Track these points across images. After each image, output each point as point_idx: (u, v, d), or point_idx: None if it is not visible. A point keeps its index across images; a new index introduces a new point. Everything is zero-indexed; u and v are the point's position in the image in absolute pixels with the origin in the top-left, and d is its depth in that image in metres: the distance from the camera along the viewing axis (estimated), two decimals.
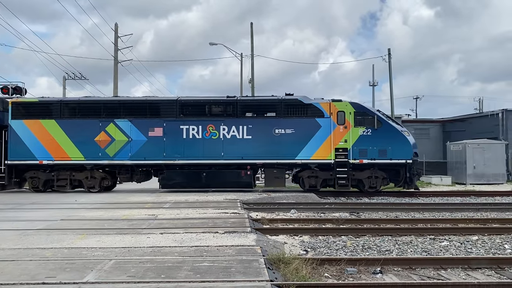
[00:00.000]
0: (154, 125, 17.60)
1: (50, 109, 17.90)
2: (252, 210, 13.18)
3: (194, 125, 17.56)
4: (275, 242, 8.35)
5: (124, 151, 17.60)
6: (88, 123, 17.67)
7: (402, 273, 6.60)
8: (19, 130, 17.64)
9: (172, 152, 17.52)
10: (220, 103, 17.91)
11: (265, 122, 17.64)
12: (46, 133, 17.61)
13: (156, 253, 6.64)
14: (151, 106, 18.01)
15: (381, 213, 13.19)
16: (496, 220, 11.26)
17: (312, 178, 17.91)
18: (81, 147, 17.58)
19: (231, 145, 17.47)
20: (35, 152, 17.57)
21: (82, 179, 17.97)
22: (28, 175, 18.06)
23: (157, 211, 11.75)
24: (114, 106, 17.96)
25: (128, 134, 17.61)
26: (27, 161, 17.68)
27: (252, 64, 30.04)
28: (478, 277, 6.38)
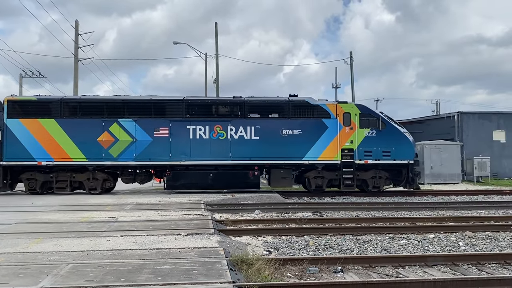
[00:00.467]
0: (160, 125, 17.30)
1: (50, 108, 17.22)
2: (216, 211, 13.11)
3: (201, 125, 17.42)
4: (238, 243, 8.34)
5: (129, 151, 17.20)
6: (90, 123, 17.14)
7: (362, 271, 6.73)
8: (16, 130, 16.90)
9: (179, 153, 17.30)
10: (227, 103, 17.89)
11: (273, 123, 17.69)
12: (45, 133, 16.95)
13: (116, 256, 6.48)
14: (156, 105, 17.65)
15: (343, 212, 13.44)
16: (452, 219, 11.71)
17: (319, 179, 18.13)
18: (83, 147, 17.03)
19: (238, 145, 17.45)
20: (33, 153, 16.88)
21: (83, 181, 17.41)
22: (25, 176, 17.26)
23: (118, 213, 11.49)
24: (117, 106, 17.49)
25: (133, 134, 17.23)
26: (25, 161, 16.91)
27: (217, 64, 29.93)
28: (434, 273, 6.60)
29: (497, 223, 11.08)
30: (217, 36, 30.01)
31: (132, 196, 16.64)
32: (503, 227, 10.31)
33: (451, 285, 5.64)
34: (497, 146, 30.28)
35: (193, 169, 17.61)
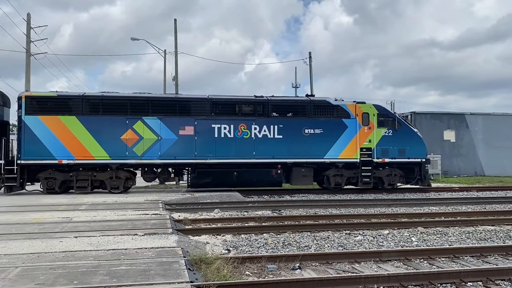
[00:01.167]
0: (185, 123, 17.29)
1: (70, 105, 16.77)
2: (175, 210, 12.95)
3: (226, 124, 17.58)
4: (197, 242, 8.27)
5: (153, 150, 17.04)
6: (114, 120, 16.84)
7: (319, 268, 6.84)
8: (35, 127, 16.29)
9: (204, 151, 17.37)
10: (251, 102, 18.05)
11: (295, 122, 18.04)
12: (66, 131, 16.48)
13: (69, 258, 6.27)
14: (181, 104, 17.67)
15: (301, 210, 13.61)
16: (405, 215, 12.12)
17: (338, 177, 18.65)
18: (106, 145, 16.70)
19: (262, 144, 17.74)
20: (53, 151, 16.38)
21: (105, 180, 17.11)
22: (43, 175, 16.69)
23: (72, 213, 11.11)
24: (142, 103, 17.24)
25: (158, 132, 17.08)
26: (44, 160, 16.37)
27: (176, 61, 29.52)
28: (388, 268, 6.80)
29: (447, 218, 11.58)
30: (176, 33, 29.61)
31: (87, 196, 16.15)
32: (453, 223, 10.79)
33: (404, 279, 5.83)
34: (447, 145, 31.67)
35: (216, 167, 17.71)
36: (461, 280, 5.94)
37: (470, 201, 15.65)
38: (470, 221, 10.91)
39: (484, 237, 9.32)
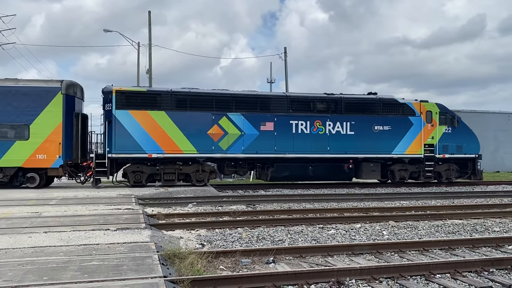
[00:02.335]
0: (266, 119, 18.08)
1: (159, 100, 17.27)
2: (148, 205, 12.80)
3: (303, 120, 18.42)
4: (171, 237, 8.20)
5: (237, 144, 17.77)
6: (200, 116, 17.47)
7: (293, 261, 6.90)
8: (125, 121, 16.68)
9: (283, 146, 18.14)
10: (326, 100, 19.02)
11: (366, 119, 19.08)
12: (155, 125, 16.95)
13: (39, 253, 6.11)
14: (262, 100, 18.43)
15: (275, 204, 13.69)
16: (377, 209, 12.35)
17: (403, 171, 19.88)
18: (193, 140, 17.31)
19: (336, 140, 18.68)
20: (144, 145, 16.82)
21: (191, 173, 17.67)
22: (131, 169, 17.21)
23: (42, 208, 10.84)
24: (226, 100, 17.92)
25: (241, 127, 17.83)
26: (135, 154, 16.87)
27: (150, 54, 29.11)
28: (360, 261, 6.92)
29: (417, 212, 11.87)
30: (150, 25, 29.19)
31: (57, 190, 15.79)
32: (422, 217, 11.06)
33: (375, 272, 5.95)
34: None
35: (293, 162, 18.46)
36: (430, 272, 6.09)
37: (439, 196, 16.07)
38: (439, 215, 11.21)
39: (452, 231, 9.59)
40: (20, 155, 16.28)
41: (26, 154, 16.31)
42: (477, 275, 6.15)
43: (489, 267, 6.36)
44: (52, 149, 16.38)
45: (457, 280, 5.91)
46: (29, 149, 16.32)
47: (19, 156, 16.27)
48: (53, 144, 16.39)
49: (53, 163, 16.47)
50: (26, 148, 16.31)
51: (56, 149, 16.39)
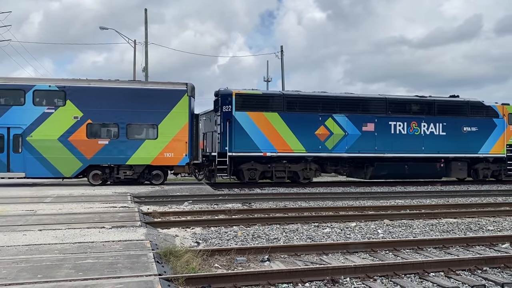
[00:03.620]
0: (367, 120, 19.15)
1: (273, 102, 18.44)
2: (143, 203, 12.80)
3: (400, 121, 19.53)
4: (166, 235, 8.20)
5: (341, 144, 18.82)
6: (309, 117, 18.52)
7: (288, 259, 6.92)
8: (243, 122, 17.87)
9: (382, 146, 19.23)
10: (420, 102, 20.17)
11: (456, 121, 20.28)
12: (269, 126, 18.10)
13: (33, 251, 6.10)
14: (363, 102, 19.51)
15: (271, 203, 13.70)
16: (372, 208, 12.40)
17: (486, 170, 21.19)
18: (303, 139, 18.38)
19: (429, 140, 19.80)
20: (259, 144, 17.98)
21: (299, 171, 18.82)
22: (246, 166, 18.30)
23: (37, 206, 10.81)
24: (332, 102, 19.02)
25: (345, 128, 18.89)
26: (252, 152, 18.00)
27: (146, 51, 29.04)
28: (355, 260, 6.94)
29: (412, 211, 11.91)
30: (147, 23, 29.13)
31: (53, 188, 15.75)
32: (417, 215, 11.11)
33: (370, 270, 5.97)
34: None
35: (391, 161, 19.54)
36: (424, 270, 6.13)
37: (434, 195, 16.15)
38: (434, 214, 11.27)
39: (447, 229, 9.64)
40: (149, 153, 17.16)
41: (155, 153, 17.19)
42: (470, 273, 6.19)
43: (483, 266, 6.40)
44: (179, 147, 17.32)
45: (451, 278, 5.94)
46: (158, 147, 17.21)
47: (148, 154, 17.15)
48: (180, 143, 17.33)
49: (180, 161, 17.40)
50: (155, 146, 17.20)
51: (183, 147, 17.37)
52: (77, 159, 16.67)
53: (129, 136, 17.06)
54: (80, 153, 16.68)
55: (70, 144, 16.60)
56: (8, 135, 16.33)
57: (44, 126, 16.47)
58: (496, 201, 14.63)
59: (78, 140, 16.67)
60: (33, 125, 16.41)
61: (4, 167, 16.29)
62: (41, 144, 16.42)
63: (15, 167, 16.36)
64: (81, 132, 16.74)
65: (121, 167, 17.09)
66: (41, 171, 16.52)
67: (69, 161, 16.59)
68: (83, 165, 16.80)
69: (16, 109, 16.40)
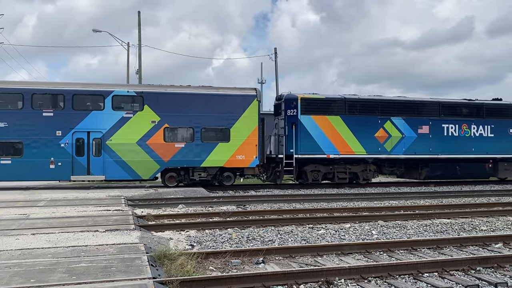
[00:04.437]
0: (422, 123, 19.97)
1: (335, 106, 19.15)
2: (137, 206, 12.74)
3: (452, 124, 20.33)
4: (160, 238, 8.18)
5: (399, 146, 19.61)
6: (368, 120, 19.28)
7: (283, 261, 6.92)
8: (308, 125, 18.58)
9: (436, 148, 20.02)
10: (470, 105, 20.94)
11: (503, 123, 21.11)
12: (332, 129, 18.81)
13: (26, 255, 6.06)
14: (419, 106, 20.30)
15: (266, 205, 13.70)
16: (366, 209, 12.43)
17: None
18: (363, 142, 19.10)
19: (479, 142, 20.57)
20: (323, 146, 18.66)
21: (359, 172, 19.55)
22: (309, 168, 18.98)
23: (30, 209, 10.74)
24: (390, 105, 19.79)
25: (402, 130, 19.68)
26: (316, 155, 18.70)
27: (140, 54, 28.97)
28: (349, 261, 6.96)
29: (406, 212, 11.96)
30: (140, 26, 29.08)
31: (46, 191, 15.64)
32: (411, 216, 11.15)
33: (364, 271, 5.99)
34: None
35: (443, 162, 20.30)
36: (418, 271, 6.15)
37: (427, 195, 16.22)
38: (428, 215, 11.32)
39: (440, 230, 9.69)
40: (222, 155, 17.92)
41: (227, 155, 17.96)
42: (464, 273, 6.22)
43: (476, 266, 6.44)
44: (250, 150, 18.11)
45: (445, 278, 5.97)
46: (230, 150, 17.99)
47: (221, 156, 17.91)
48: (250, 146, 18.11)
49: (251, 163, 18.19)
50: (227, 149, 17.97)
51: (253, 150, 18.16)
52: (155, 162, 17.38)
53: (203, 139, 17.83)
54: (157, 156, 17.38)
55: (148, 147, 17.31)
56: (88, 139, 16.90)
57: (123, 130, 17.11)
58: (489, 201, 14.72)
59: (155, 143, 17.35)
60: (112, 129, 17.02)
61: (84, 170, 16.87)
62: (120, 147, 17.06)
63: (95, 170, 16.95)
64: (159, 136, 17.43)
65: (195, 169, 17.83)
66: (120, 173, 17.18)
67: (147, 163, 17.29)
68: (161, 167, 17.52)
69: (96, 113, 16.95)
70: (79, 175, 16.80)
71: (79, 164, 16.79)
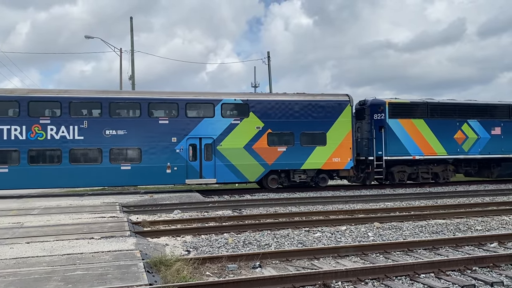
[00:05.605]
0: (495, 125, 21.33)
1: (418, 109, 20.43)
2: (133, 213, 12.68)
3: None
4: (156, 244, 8.14)
5: (475, 147, 20.92)
6: (448, 123, 20.57)
7: (279, 265, 6.91)
8: (396, 129, 19.82)
9: (508, 147, 21.29)
10: None
11: None
12: (417, 131, 20.09)
13: (21, 264, 6.01)
14: (491, 109, 21.58)
15: (261, 208, 13.68)
16: (362, 211, 12.45)
17: None
18: (444, 143, 20.36)
19: None
20: (409, 148, 19.93)
21: (440, 172, 20.87)
22: (396, 169, 20.33)
23: (24, 218, 10.66)
24: (466, 108, 21.12)
25: (477, 132, 21.01)
26: (403, 156, 19.98)
27: (132, 60, 28.90)
28: (346, 264, 6.96)
29: (402, 213, 11.99)
30: (133, 31, 29.00)
31: (40, 199, 15.53)
32: (407, 217, 11.18)
33: (361, 273, 5.99)
34: None
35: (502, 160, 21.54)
36: (414, 272, 6.17)
37: (422, 196, 16.27)
38: (423, 215, 11.36)
39: (436, 230, 9.72)
40: (320, 158, 19.15)
41: (324, 158, 19.18)
42: (460, 273, 6.24)
43: (472, 266, 6.46)
44: (345, 153, 19.33)
45: (441, 279, 5.98)
46: (327, 153, 19.22)
47: (319, 159, 19.15)
48: (345, 149, 19.32)
49: (346, 165, 19.39)
50: (324, 152, 19.19)
51: (348, 153, 19.39)
52: (260, 165, 18.67)
53: (302, 143, 19.04)
54: (263, 160, 18.67)
55: (254, 151, 18.59)
56: (200, 145, 18.06)
57: (231, 135, 18.36)
58: (484, 201, 14.80)
59: (260, 148, 18.67)
60: (222, 135, 18.27)
61: (196, 174, 18.03)
62: (229, 152, 18.29)
63: (207, 173, 18.13)
64: (263, 141, 18.70)
65: (296, 172, 19.05)
66: (229, 176, 18.43)
67: (253, 167, 18.57)
68: (265, 170, 18.77)
69: (207, 121, 18.16)
70: (193, 178, 17.99)
71: (193, 169, 17.95)
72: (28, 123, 16.46)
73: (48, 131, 16.59)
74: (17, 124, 16.41)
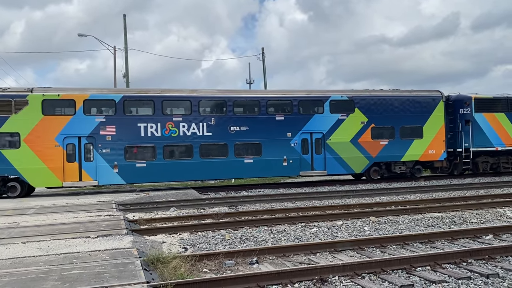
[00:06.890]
0: None
1: (499, 104, 21.85)
2: (129, 211, 12.67)
3: None
4: (153, 242, 8.14)
5: None
6: None
7: (276, 261, 6.93)
8: (481, 122, 21.19)
9: None
10: None
11: None
12: (499, 124, 21.55)
13: (17, 264, 5.99)
14: None
15: (258, 204, 13.70)
16: (357, 205, 12.49)
17: None
18: None
19: None
20: (492, 140, 21.35)
21: None
22: (480, 160, 21.71)
23: (20, 218, 10.61)
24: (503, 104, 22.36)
25: None
26: (487, 147, 21.39)
27: (126, 57, 28.79)
28: (343, 258, 6.99)
29: (397, 207, 12.04)
30: (126, 29, 28.88)
31: (35, 199, 15.47)
32: (402, 211, 11.24)
33: (358, 268, 6.02)
34: None
35: None
36: (411, 265, 6.20)
37: (418, 190, 16.34)
38: (419, 209, 11.42)
39: (432, 224, 9.78)
40: (417, 150, 20.61)
41: (421, 150, 20.66)
42: (456, 266, 6.28)
43: (468, 258, 6.51)
44: (439, 145, 20.90)
45: (437, 272, 6.02)
46: (423, 145, 20.69)
47: (416, 151, 20.62)
48: (439, 141, 20.89)
49: (440, 156, 20.95)
50: (421, 145, 20.65)
51: (442, 145, 20.98)
52: (365, 158, 19.98)
53: (402, 137, 20.45)
54: (367, 153, 19.99)
55: (359, 145, 19.88)
56: (311, 139, 19.31)
57: (339, 130, 19.68)
58: (479, 194, 14.89)
59: (365, 141, 19.98)
60: (330, 130, 19.59)
61: (308, 166, 19.31)
62: (338, 146, 19.58)
63: (317, 166, 19.42)
64: (367, 135, 20.02)
65: (396, 164, 20.44)
66: (338, 169, 19.71)
67: (359, 159, 19.87)
68: (369, 162, 20.08)
69: (317, 117, 19.50)
70: (305, 170, 19.28)
71: (305, 162, 19.24)
72: (163, 120, 17.72)
73: (180, 128, 17.90)
74: (153, 122, 17.59)
